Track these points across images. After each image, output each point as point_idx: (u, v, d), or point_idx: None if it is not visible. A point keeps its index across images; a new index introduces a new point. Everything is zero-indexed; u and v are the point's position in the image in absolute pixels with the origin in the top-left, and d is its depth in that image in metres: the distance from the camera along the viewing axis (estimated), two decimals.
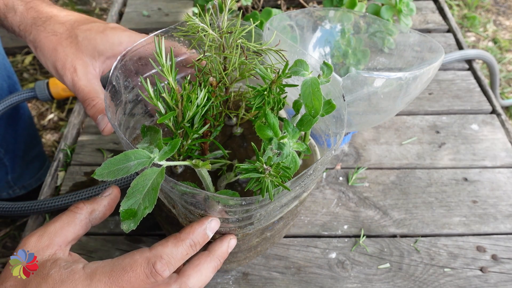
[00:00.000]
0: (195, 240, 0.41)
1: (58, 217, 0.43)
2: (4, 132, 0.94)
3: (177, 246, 0.40)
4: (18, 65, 1.65)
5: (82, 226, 0.43)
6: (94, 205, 0.44)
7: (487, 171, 0.73)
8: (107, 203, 0.45)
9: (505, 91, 1.62)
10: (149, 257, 0.38)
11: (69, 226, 0.42)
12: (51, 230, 0.42)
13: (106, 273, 0.38)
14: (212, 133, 0.49)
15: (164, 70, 0.42)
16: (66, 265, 0.39)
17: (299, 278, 0.59)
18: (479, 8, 1.96)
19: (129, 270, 0.38)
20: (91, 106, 0.52)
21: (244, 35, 0.46)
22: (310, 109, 0.39)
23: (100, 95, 0.53)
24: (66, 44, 0.54)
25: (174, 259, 0.39)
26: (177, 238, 0.40)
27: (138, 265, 0.38)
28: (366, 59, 0.69)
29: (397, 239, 0.64)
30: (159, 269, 0.38)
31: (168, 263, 0.39)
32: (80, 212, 0.43)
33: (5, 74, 0.89)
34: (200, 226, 0.41)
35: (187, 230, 0.41)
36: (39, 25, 0.55)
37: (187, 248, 0.40)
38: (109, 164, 0.36)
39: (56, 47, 0.54)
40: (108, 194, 0.46)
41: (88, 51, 0.54)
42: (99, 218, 0.45)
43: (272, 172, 0.37)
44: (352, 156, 0.75)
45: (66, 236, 0.42)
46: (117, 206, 0.66)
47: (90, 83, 0.53)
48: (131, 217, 0.37)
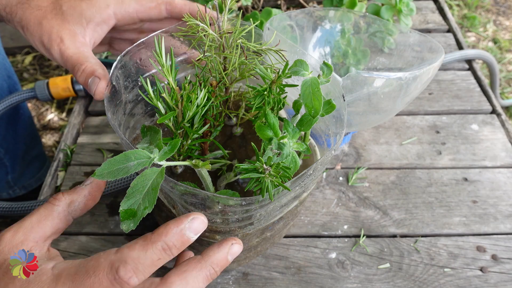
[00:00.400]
0: (169, 243, 0.35)
1: (35, 210, 0.40)
2: (4, 132, 0.94)
3: (145, 249, 0.34)
4: (18, 65, 1.65)
5: (61, 219, 0.40)
6: (73, 196, 0.41)
7: (487, 171, 0.73)
8: (88, 193, 0.41)
9: (505, 91, 1.62)
10: (113, 261, 0.34)
11: (47, 219, 0.39)
12: (27, 225, 0.39)
13: (70, 276, 0.35)
14: (212, 133, 0.49)
15: (164, 70, 0.42)
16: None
17: (299, 278, 0.59)
18: (479, 8, 1.96)
19: (92, 274, 0.34)
20: (80, 71, 0.48)
21: (244, 35, 0.46)
22: (310, 109, 0.39)
23: (89, 59, 0.49)
24: (51, 16, 0.51)
25: (142, 265, 0.34)
26: (147, 240, 0.35)
27: (101, 270, 0.34)
28: (366, 59, 0.69)
29: (397, 239, 0.64)
30: (123, 276, 0.33)
31: (134, 269, 0.33)
32: (58, 204, 0.40)
33: (5, 74, 0.89)
34: (176, 226, 0.35)
35: (160, 231, 0.35)
36: (24, 3, 0.53)
37: (158, 253, 0.34)
38: (109, 164, 0.36)
39: (41, 21, 0.51)
40: (89, 183, 0.42)
41: (75, 19, 0.51)
42: (79, 210, 0.41)
43: (272, 172, 0.37)
44: (352, 156, 0.75)
45: (44, 230, 0.39)
46: (117, 206, 0.67)
47: (78, 50, 0.50)
48: (131, 217, 0.36)
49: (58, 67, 1.67)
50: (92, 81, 0.48)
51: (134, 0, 0.53)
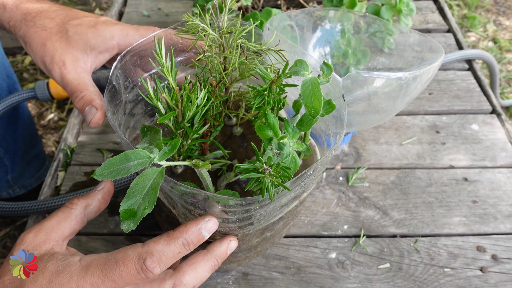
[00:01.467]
0: (188, 240, 0.40)
1: (54, 213, 0.44)
2: (4, 132, 0.94)
3: (169, 244, 0.39)
4: (18, 65, 1.65)
5: (78, 221, 0.44)
6: (88, 200, 0.45)
7: (487, 171, 0.73)
8: (101, 197, 0.46)
9: (505, 91, 1.62)
10: (141, 253, 0.39)
11: (65, 221, 0.43)
12: (47, 226, 0.43)
13: (100, 265, 0.39)
14: (212, 133, 0.49)
15: (164, 70, 0.42)
16: (63, 258, 0.40)
17: (299, 278, 0.59)
18: (479, 8, 1.96)
19: (121, 264, 0.38)
20: (79, 98, 0.50)
21: (244, 35, 0.46)
22: (310, 109, 0.39)
23: (89, 87, 0.51)
24: (56, 39, 0.53)
25: (165, 257, 0.39)
26: (170, 236, 0.40)
27: (129, 260, 0.38)
28: (366, 59, 0.69)
29: (397, 239, 0.64)
30: (149, 266, 0.38)
31: (159, 260, 0.38)
32: (75, 207, 0.44)
33: (4, 74, 0.89)
34: (195, 226, 0.41)
35: (181, 229, 0.40)
36: (29, 20, 0.54)
37: (179, 247, 0.40)
38: (109, 164, 0.36)
39: (45, 42, 0.53)
40: (101, 188, 0.46)
41: (79, 46, 0.53)
42: (94, 212, 0.46)
43: (272, 172, 0.37)
44: (352, 156, 0.75)
45: (63, 231, 0.43)
46: (117, 206, 0.67)
47: (79, 76, 0.52)
48: (131, 217, 0.37)
49: None
50: (89, 110, 0.50)
51: (138, 34, 0.54)
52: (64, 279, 0.38)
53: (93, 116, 0.49)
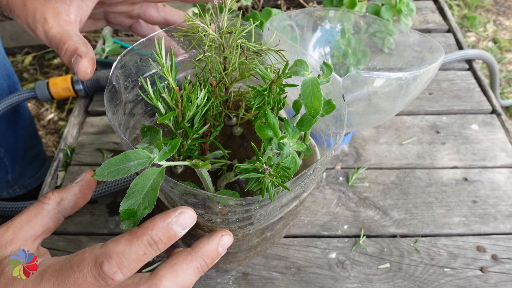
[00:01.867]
0: (155, 238, 0.34)
1: (26, 209, 0.40)
2: (4, 132, 0.94)
3: (131, 243, 0.33)
4: (18, 65, 1.65)
5: (51, 218, 0.40)
6: (62, 194, 0.40)
7: (487, 171, 0.73)
8: (78, 191, 0.41)
9: (505, 91, 1.62)
10: (97, 256, 0.33)
11: (36, 218, 0.39)
12: (16, 224, 0.39)
13: (55, 272, 0.34)
14: (212, 133, 0.49)
15: (164, 70, 0.42)
16: None
17: (299, 278, 0.59)
18: (479, 8, 1.96)
19: (76, 270, 0.33)
20: (63, 51, 0.47)
21: (244, 35, 0.46)
22: (310, 109, 0.39)
23: (72, 37, 0.47)
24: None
25: (127, 260, 0.33)
26: (132, 234, 0.34)
27: (85, 265, 0.33)
28: (366, 59, 0.69)
29: (397, 239, 0.64)
30: (107, 271, 0.32)
31: (119, 264, 0.33)
32: (47, 202, 0.40)
33: (5, 74, 0.89)
34: (162, 220, 0.34)
35: (146, 225, 0.34)
36: None
37: (144, 247, 0.34)
38: (109, 164, 0.36)
39: (25, 3, 0.50)
40: (79, 181, 0.41)
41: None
42: (70, 208, 0.41)
43: (272, 172, 0.37)
44: (352, 156, 0.75)
45: (34, 229, 0.39)
46: (117, 206, 0.67)
47: (62, 29, 0.48)
48: (131, 217, 0.36)
49: (58, 67, 1.67)
50: (75, 60, 0.46)
51: None
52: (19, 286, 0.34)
53: (78, 64, 0.45)
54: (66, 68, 1.65)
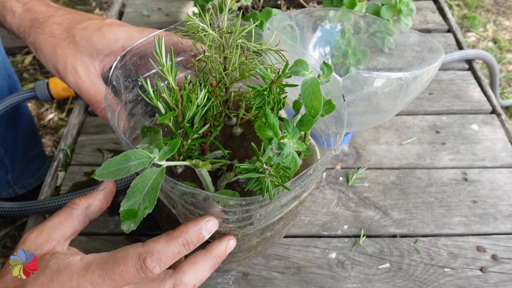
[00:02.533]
0: (188, 239, 0.40)
1: (56, 213, 0.45)
2: (4, 132, 0.94)
3: (169, 243, 0.40)
4: (18, 65, 1.65)
5: (80, 221, 0.45)
6: (89, 200, 0.46)
7: (487, 171, 0.73)
8: (103, 197, 0.47)
9: (505, 91, 1.62)
10: (141, 252, 0.39)
11: (67, 221, 0.44)
12: (49, 226, 0.43)
13: (100, 264, 0.39)
14: (212, 133, 0.49)
15: (164, 70, 0.42)
16: (64, 257, 0.40)
17: (299, 278, 0.59)
18: (479, 8, 1.96)
19: (121, 263, 0.38)
20: (100, 109, 0.55)
21: (244, 35, 0.46)
22: (310, 109, 0.39)
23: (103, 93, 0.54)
24: (65, 45, 0.55)
25: (165, 257, 0.39)
26: (170, 236, 0.40)
27: (129, 259, 0.38)
28: (366, 59, 0.69)
29: (397, 239, 0.64)
30: (149, 265, 0.38)
31: (158, 260, 0.39)
32: (76, 207, 0.45)
33: (5, 74, 0.89)
34: (195, 226, 0.41)
35: (181, 229, 0.41)
36: (37, 27, 0.56)
37: (179, 247, 0.40)
38: (109, 164, 0.36)
39: (55, 49, 0.55)
40: (103, 188, 0.47)
41: (87, 50, 0.55)
42: (95, 212, 0.46)
43: (272, 172, 0.37)
44: (352, 156, 0.75)
45: (65, 231, 0.44)
46: (117, 206, 0.66)
47: (93, 84, 0.55)
48: (131, 217, 0.37)
49: None
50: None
51: (143, 37, 0.56)
52: (65, 277, 0.38)
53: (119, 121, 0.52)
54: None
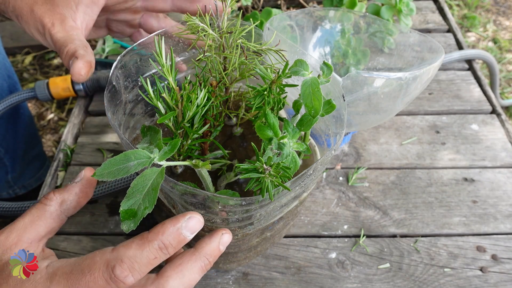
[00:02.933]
0: (165, 242, 0.35)
1: (28, 211, 0.40)
2: (4, 132, 0.94)
3: (142, 248, 0.34)
4: (18, 65, 1.65)
5: (54, 219, 0.40)
6: (64, 194, 0.41)
7: (487, 171, 0.73)
8: (79, 190, 0.41)
9: (505, 91, 1.62)
10: (109, 260, 0.34)
11: (40, 220, 0.39)
12: (20, 226, 0.39)
13: (66, 274, 0.35)
14: (212, 133, 0.49)
15: (164, 70, 0.42)
16: None
17: (299, 278, 0.59)
18: (479, 8, 1.96)
19: (87, 273, 0.34)
20: (64, 53, 0.47)
21: (244, 35, 0.46)
22: (310, 109, 0.39)
23: (74, 41, 0.48)
24: (41, 2, 0.51)
25: (138, 264, 0.34)
26: (144, 239, 0.35)
27: (96, 268, 0.34)
28: (366, 59, 0.69)
29: (397, 239, 0.64)
30: (119, 275, 0.33)
31: (130, 268, 0.34)
32: (49, 203, 0.40)
33: (5, 74, 0.89)
34: (173, 225, 0.35)
35: (157, 229, 0.35)
36: None
37: (154, 251, 0.35)
38: (109, 164, 0.36)
39: (32, 9, 0.50)
40: (79, 180, 0.41)
41: (64, 3, 0.50)
42: (72, 208, 0.41)
43: (272, 172, 0.37)
44: (352, 156, 0.75)
45: (37, 231, 0.39)
46: (117, 206, 0.67)
47: (67, 33, 0.49)
48: (131, 217, 0.36)
49: (58, 67, 1.67)
50: (72, 62, 0.46)
51: None
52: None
53: (73, 66, 0.45)
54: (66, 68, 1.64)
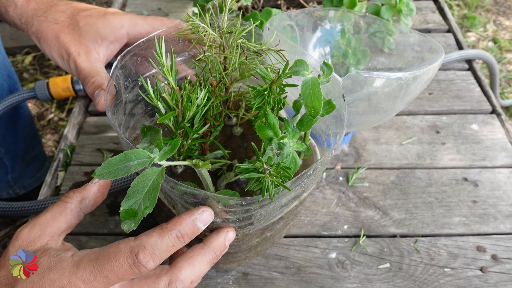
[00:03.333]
0: (182, 232, 0.39)
1: (49, 208, 0.43)
2: (4, 132, 0.94)
3: (162, 236, 0.38)
4: (18, 65, 1.65)
5: (74, 215, 0.43)
6: (83, 193, 0.44)
7: (487, 171, 0.73)
8: (97, 190, 0.45)
9: (505, 91, 1.62)
10: (133, 247, 0.38)
11: (61, 216, 0.43)
12: (42, 221, 0.42)
13: (92, 261, 0.38)
14: (212, 133, 0.49)
15: (164, 70, 0.42)
16: (55, 254, 0.39)
17: (299, 278, 0.59)
18: (479, 8, 1.96)
19: (113, 259, 0.37)
20: (90, 83, 0.52)
21: (244, 35, 0.46)
22: (310, 109, 0.39)
23: (100, 74, 0.52)
24: (68, 31, 0.54)
25: (158, 250, 0.38)
26: (163, 229, 0.39)
27: (121, 255, 0.37)
28: (366, 59, 0.69)
29: (397, 239, 0.64)
30: (141, 260, 0.37)
31: (152, 254, 0.37)
32: (70, 201, 0.43)
33: (5, 74, 0.89)
34: (189, 217, 0.39)
35: (175, 221, 0.39)
36: (40, 15, 0.56)
37: (173, 240, 0.39)
38: (109, 164, 0.36)
39: (58, 35, 0.54)
40: (97, 181, 0.45)
41: (91, 36, 0.54)
42: (90, 206, 0.45)
43: (272, 172, 0.37)
44: (352, 156, 0.75)
45: (58, 226, 0.42)
46: (117, 206, 0.66)
47: (92, 64, 0.53)
48: (132, 217, 0.37)
49: (58, 67, 1.67)
50: (98, 94, 0.50)
51: (147, 23, 0.56)
52: (56, 275, 0.37)
53: (100, 98, 0.49)
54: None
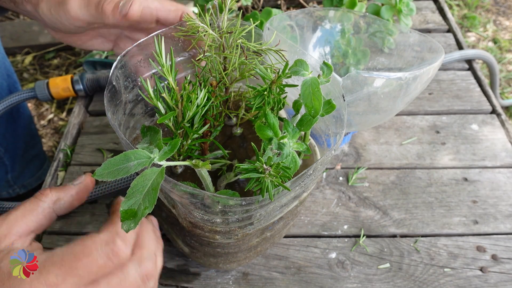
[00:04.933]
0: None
1: (21, 204, 0.41)
2: (4, 131, 0.94)
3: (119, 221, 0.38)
4: (18, 65, 1.65)
5: (45, 216, 0.41)
6: (60, 194, 0.42)
7: (487, 171, 0.73)
8: (75, 193, 0.43)
9: (505, 91, 1.62)
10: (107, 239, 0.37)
11: (31, 214, 0.40)
12: (11, 218, 0.40)
13: (56, 263, 0.36)
14: (212, 133, 0.49)
15: (164, 70, 0.42)
16: None
17: (299, 278, 0.59)
18: (479, 8, 1.96)
19: (82, 257, 0.36)
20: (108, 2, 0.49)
21: (244, 35, 0.46)
22: (310, 109, 0.39)
23: None
24: None
25: (129, 235, 0.38)
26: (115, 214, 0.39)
27: (93, 250, 0.36)
28: (366, 59, 0.69)
29: (397, 239, 0.64)
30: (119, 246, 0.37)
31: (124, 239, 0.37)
32: (44, 199, 0.41)
33: (5, 73, 0.89)
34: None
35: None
36: None
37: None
38: (109, 164, 0.36)
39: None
40: (78, 183, 0.43)
41: None
42: (64, 209, 0.42)
43: (272, 172, 0.37)
44: (352, 156, 0.75)
45: (27, 225, 0.40)
46: None
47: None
48: (131, 217, 0.36)
49: (58, 67, 1.67)
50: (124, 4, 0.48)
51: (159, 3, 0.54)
52: (16, 281, 0.35)
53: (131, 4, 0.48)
54: (66, 68, 1.65)
